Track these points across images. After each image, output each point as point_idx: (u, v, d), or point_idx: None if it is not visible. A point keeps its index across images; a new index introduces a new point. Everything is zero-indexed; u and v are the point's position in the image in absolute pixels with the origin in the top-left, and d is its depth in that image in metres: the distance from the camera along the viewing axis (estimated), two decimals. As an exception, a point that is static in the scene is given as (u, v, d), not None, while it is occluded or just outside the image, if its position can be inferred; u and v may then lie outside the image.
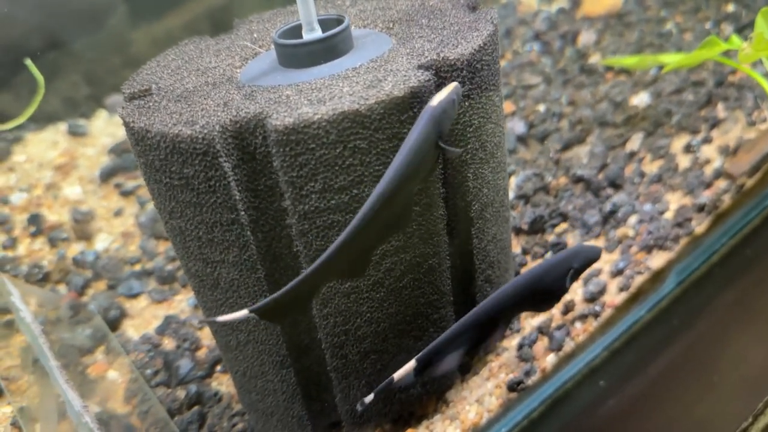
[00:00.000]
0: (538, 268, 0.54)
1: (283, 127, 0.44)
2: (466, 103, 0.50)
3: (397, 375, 0.49)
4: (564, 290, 0.56)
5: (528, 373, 0.61)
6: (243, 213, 0.47)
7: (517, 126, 0.90)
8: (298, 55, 0.51)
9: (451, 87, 0.46)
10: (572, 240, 0.74)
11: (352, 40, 0.53)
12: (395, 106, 0.45)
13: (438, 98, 0.45)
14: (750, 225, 0.71)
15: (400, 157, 0.44)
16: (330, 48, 0.51)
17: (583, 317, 0.66)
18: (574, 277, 0.56)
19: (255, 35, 0.59)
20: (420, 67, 0.48)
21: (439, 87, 0.48)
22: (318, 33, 0.51)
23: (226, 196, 0.46)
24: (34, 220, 0.88)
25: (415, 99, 0.46)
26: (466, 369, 0.64)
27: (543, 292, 0.55)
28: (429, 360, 0.51)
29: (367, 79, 0.47)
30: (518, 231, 0.77)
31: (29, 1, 1.02)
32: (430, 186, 0.50)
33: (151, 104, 0.49)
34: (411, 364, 0.50)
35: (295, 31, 0.53)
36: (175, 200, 0.48)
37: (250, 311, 0.44)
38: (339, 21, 0.53)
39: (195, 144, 0.44)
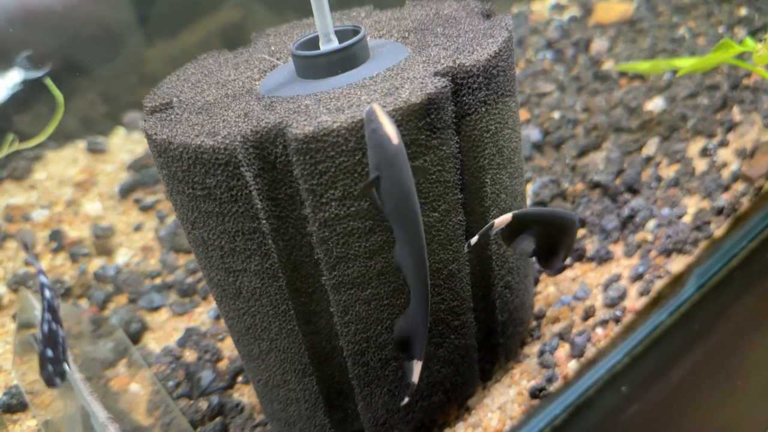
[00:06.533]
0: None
1: (303, 136, 0.44)
2: (483, 109, 0.51)
3: (498, 220, 0.52)
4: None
5: (550, 380, 0.61)
6: (264, 222, 0.47)
7: (533, 133, 0.91)
8: (315, 65, 0.52)
9: (379, 115, 0.43)
10: (591, 246, 0.74)
11: (368, 49, 0.54)
12: (413, 113, 0.46)
13: (390, 134, 0.43)
14: (769, 228, 0.71)
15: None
16: (347, 58, 0.52)
17: (604, 323, 0.65)
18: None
19: (272, 48, 0.60)
20: (436, 74, 0.48)
21: (455, 93, 0.49)
22: (335, 44, 0.52)
23: (247, 205, 0.47)
24: (56, 236, 0.90)
25: (432, 105, 0.46)
26: (488, 376, 0.64)
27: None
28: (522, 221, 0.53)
29: (385, 87, 0.48)
30: (536, 237, 0.77)
31: (45, 23, 1.04)
32: (449, 192, 0.51)
33: (172, 117, 0.50)
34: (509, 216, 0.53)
35: (312, 42, 0.54)
36: (197, 210, 0.49)
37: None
38: (355, 31, 0.54)
39: (217, 154, 0.45)
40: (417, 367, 0.49)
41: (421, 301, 0.47)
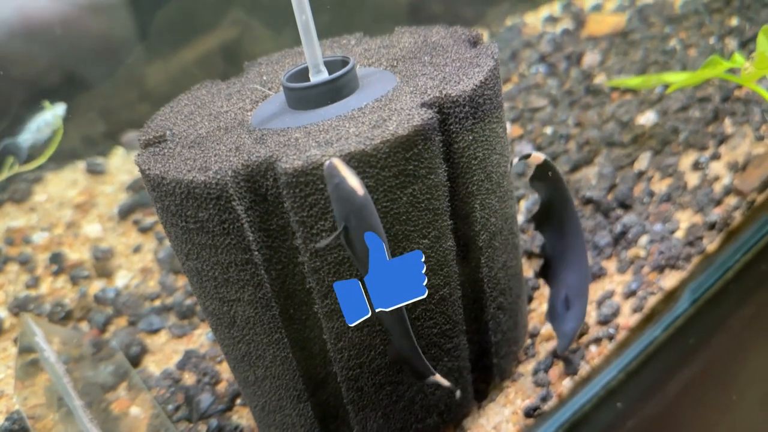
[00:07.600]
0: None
1: (293, 170, 0.45)
2: (470, 137, 0.52)
3: (535, 154, 0.58)
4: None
5: (544, 399, 0.61)
6: (257, 253, 0.48)
7: (525, 149, 0.91)
8: (306, 97, 0.52)
9: (341, 169, 0.44)
10: (584, 262, 0.75)
11: (357, 80, 0.55)
12: (400, 145, 0.47)
13: (355, 186, 0.43)
14: (763, 240, 0.72)
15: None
16: (337, 89, 0.53)
17: (597, 340, 0.66)
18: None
19: (264, 78, 0.61)
20: (423, 105, 0.49)
21: (442, 123, 0.50)
22: (324, 75, 0.53)
23: (239, 238, 0.48)
24: (56, 258, 0.91)
25: (419, 137, 0.47)
26: (482, 396, 0.64)
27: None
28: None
29: (373, 119, 0.49)
30: (530, 255, 0.77)
31: (45, 38, 1.05)
32: (438, 219, 0.52)
33: (165, 151, 0.51)
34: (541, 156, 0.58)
35: (303, 73, 0.55)
36: (191, 243, 0.50)
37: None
38: (344, 62, 0.55)
39: (209, 189, 0.46)
40: (438, 378, 0.53)
41: (401, 336, 0.50)
